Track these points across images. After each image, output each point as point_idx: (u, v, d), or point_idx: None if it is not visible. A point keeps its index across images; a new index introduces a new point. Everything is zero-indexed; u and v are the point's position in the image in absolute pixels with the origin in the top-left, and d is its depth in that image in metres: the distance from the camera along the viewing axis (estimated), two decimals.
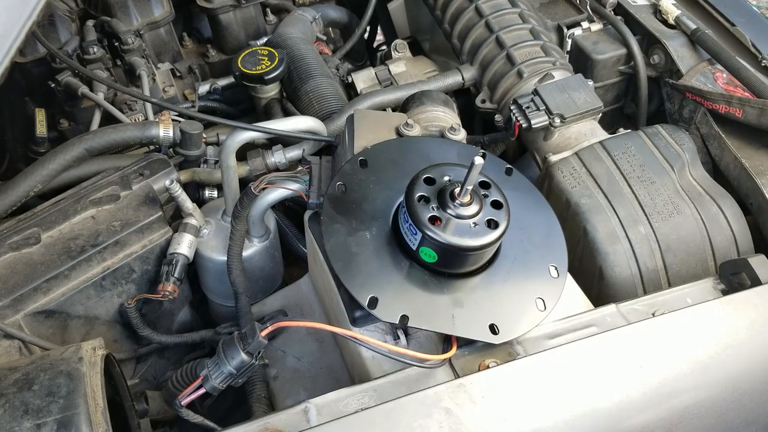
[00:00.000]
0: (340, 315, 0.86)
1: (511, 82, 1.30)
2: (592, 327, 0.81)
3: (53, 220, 1.07)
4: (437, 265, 0.76)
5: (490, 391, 0.71)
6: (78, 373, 0.71)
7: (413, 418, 0.69)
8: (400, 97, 1.29)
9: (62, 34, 1.48)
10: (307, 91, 1.35)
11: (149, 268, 1.11)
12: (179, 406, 0.79)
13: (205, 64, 1.65)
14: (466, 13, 1.42)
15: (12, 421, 0.66)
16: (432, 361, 0.75)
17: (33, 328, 0.99)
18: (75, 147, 1.13)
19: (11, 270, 1.01)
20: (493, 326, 0.76)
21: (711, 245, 1.07)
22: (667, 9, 1.40)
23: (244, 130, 1.07)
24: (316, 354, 1.03)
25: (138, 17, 1.52)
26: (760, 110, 1.14)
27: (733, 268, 0.90)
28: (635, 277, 1.05)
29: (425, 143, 0.93)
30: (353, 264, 0.77)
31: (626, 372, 0.74)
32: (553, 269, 0.82)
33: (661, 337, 0.78)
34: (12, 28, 0.82)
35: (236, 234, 1.04)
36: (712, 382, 0.75)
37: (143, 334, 1.10)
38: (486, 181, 0.78)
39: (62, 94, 1.39)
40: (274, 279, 1.22)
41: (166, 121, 1.20)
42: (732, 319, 0.81)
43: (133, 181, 1.13)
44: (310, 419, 0.71)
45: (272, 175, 0.98)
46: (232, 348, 0.79)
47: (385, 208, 0.81)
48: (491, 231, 0.74)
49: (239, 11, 1.61)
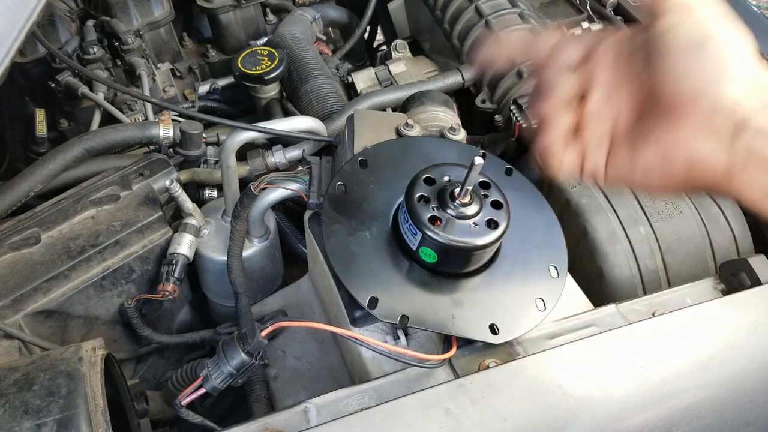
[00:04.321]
0: (340, 315, 0.86)
1: (511, 82, 1.30)
2: (592, 327, 0.81)
3: (53, 220, 1.07)
4: (437, 266, 0.76)
5: (490, 391, 0.71)
6: (78, 373, 0.71)
7: (413, 418, 0.69)
8: (400, 97, 1.29)
9: (62, 34, 1.48)
10: (307, 91, 1.35)
11: (149, 268, 1.11)
12: (179, 406, 0.79)
13: (205, 64, 1.65)
14: (466, 13, 1.42)
15: (12, 421, 0.66)
16: (432, 361, 0.75)
17: (33, 328, 0.99)
18: (75, 147, 1.13)
19: (11, 270, 1.01)
20: (493, 326, 0.76)
21: (711, 245, 1.07)
22: None
23: (244, 130, 1.07)
24: (316, 354, 1.03)
25: (138, 17, 1.52)
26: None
27: (733, 268, 0.90)
28: (635, 278, 1.05)
29: (425, 143, 0.93)
30: (353, 264, 0.77)
31: (626, 372, 0.74)
32: (553, 269, 0.82)
33: (661, 337, 0.78)
34: (12, 28, 0.82)
35: (236, 234, 1.04)
36: (712, 382, 0.75)
37: (143, 334, 1.10)
38: (486, 181, 0.78)
39: (62, 94, 1.39)
40: (274, 279, 1.22)
41: (166, 121, 1.21)
42: (732, 319, 0.81)
43: (133, 181, 1.13)
44: (310, 419, 0.71)
45: (272, 175, 0.98)
46: (232, 348, 0.79)
47: (385, 209, 0.81)
48: (491, 231, 0.74)
49: (239, 11, 1.62)
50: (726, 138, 0.51)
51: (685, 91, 0.52)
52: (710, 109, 0.51)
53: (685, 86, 0.52)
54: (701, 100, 0.51)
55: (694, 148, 0.52)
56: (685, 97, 0.52)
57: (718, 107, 0.50)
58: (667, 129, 0.53)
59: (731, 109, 0.50)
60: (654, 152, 0.54)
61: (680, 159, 0.53)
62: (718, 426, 0.73)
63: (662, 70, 0.53)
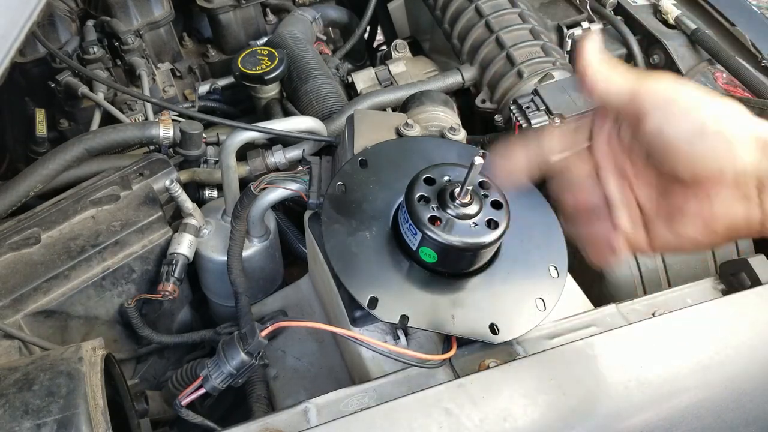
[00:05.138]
0: (340, 315, 0.86)
1: (511, 82, 1.30)
2: (592, 327, 0.81)
3: (53, 220, 1.07)
4: (437, 265, 0.76)
5: (490, 391, 0.71)
6: (78, 373, 0.71)
7: (413, 418, 0.69)
8: (400, 97, 1.29)
9: (62, 34, 1.48)
10: (307, 91, 1.35)
11: (149, 268, 1.11)
12: (179, 406, 0.79)
13: (205, 64, 1.65)
14: (466, 13, 1.42)
15: (12, 421, 0.66)
16: (432, 361, 0.75)
17: (33, 328, 0.99)
18: (75, 147, 1.13)
19: (11, 270, 1.01)
20: (493, 326, 0.76)
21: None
22: (667, 9, 1.40)
23: (244, 130, 1.07)
24: (316, 354, 1.03)
25: (138, 17, 1.52)
26: (760, 110, 1.14)
27: (733, 268, 0.90)
28: (635, 277, 1.05)
29: (425, 143, 0.93)
30: (353, 264, 0.77)
31: (626, 372, 0.74)
32: (553, 269, 0.82)
33: (661, 337, 0.78)
34: (12, 28, 0.82)
35: (236, 234, 1.04)
36: (712, 382, 0.75)
37: (143, 334, 1.10)
38: (486, 181, 0.78)
39: (62, 94, 1.39)
40: (274, 279, 1.22)
41: (166, 121, 1.20)
42: (732, 319, 0.81)
43: (133, 181, 1.13)
44: (310, 419, 0.71)
45: (272, 175, 0.98)
46: (232, 348, 0.79)
47: (385, 208, 0.81)
48: (491, 231, 0.74)
49: (239, 11, 1.61)
50: (755, 195, 0.56)
51: (704, 174, 0.56)
52: (734, 179, 0.56)
53: (703, 171, 0.56)
54: (723, 175, 0.56)
55: (730, 213, 0.57)
56: (707, 177, 0.56)
57: (740, 175, 0.55)
58: (701, 204, 0.58)
59: (752, 170, 0.55)
60: (695, 225, 0.59)
61: (721, 225, 0.58)
62: (718, 426, 0.73)
63: (673, 161, 0.57)
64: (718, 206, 0.57)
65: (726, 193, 0.56)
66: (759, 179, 0.55)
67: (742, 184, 0.55)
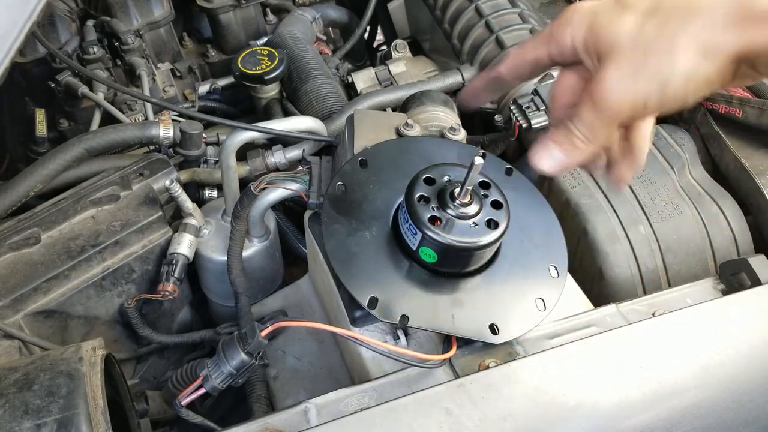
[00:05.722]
0: (340, 315, 0.86)
1: None
2: (592, 327, 0.81)
3: (53, 220, 1.07)
4: (437, 265, 0.76)
5: (490, 391, 0.71)
6: (78, 373, 0.71)
7: (413, 418, 0.69)
8: (400, 97, 1.29)
9: (62, 34, 1.48)
10: (307, 91, 1.35)
11: (149, 268, 1.11)
12: (179, 406, 0.79)
13: (205, 64, 1.65)
14: (466, 13, 1.42)
15: (12, 421, 0.66)
16: (432, 361, 0.75)
17: (33, 328, 0.99)
18: (75, 147, 1.13)
19: (11, 270, 1.01)
20: (493, 326, 0.76)
21: (711, 245, 1.07)
22: None
23: (244, 130, 1.07)
24: (316, 354, 1.03)
25: (138, 17, 1.52)
26: (759, 110, 1.14)
27: (733, 268, 0.90)
28: (635, 277, 1.05)
29: (425, 143, 0.93)
30: (353, 264, 0.77)
31: (626, 372, 0.74)
32: (553, 269, 0.82)
33: (660, 337, 0.78)
34: (12, 28, 0.82)
35: (236, 234, 1.04)
36: (712, 382, 0.75)
37: (143, 334, 1.10)
38: (486, 181, 0.78)
39: (62, 94, 1.39)
40: (274, 279, 1.22)
41: (166, 121, 1.21)
42: (732, 319, 0.81)
43: (133, 181, 1.13)
44: (310, 419, 0.71)
45: (272, 175, 0.98)
46: (232, 348, 0.79)
47: (385, 208, 0.81)
48: (491, 231, 0.74)
49: (239, 11, 1.61)
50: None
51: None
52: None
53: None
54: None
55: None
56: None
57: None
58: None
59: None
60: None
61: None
62: (718, 426, 0.73)
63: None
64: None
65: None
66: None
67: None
